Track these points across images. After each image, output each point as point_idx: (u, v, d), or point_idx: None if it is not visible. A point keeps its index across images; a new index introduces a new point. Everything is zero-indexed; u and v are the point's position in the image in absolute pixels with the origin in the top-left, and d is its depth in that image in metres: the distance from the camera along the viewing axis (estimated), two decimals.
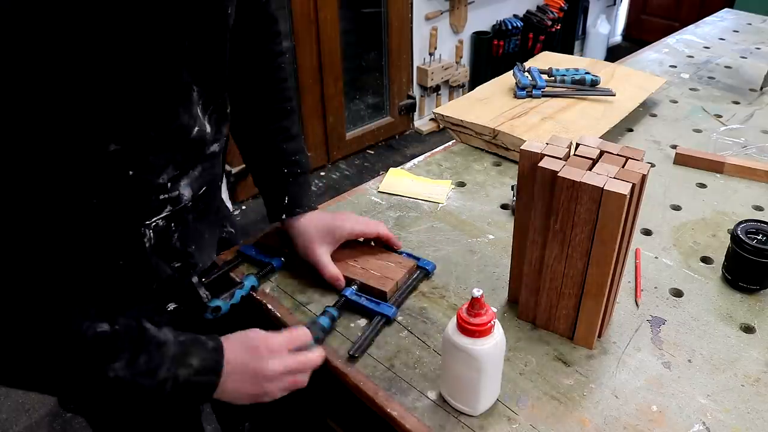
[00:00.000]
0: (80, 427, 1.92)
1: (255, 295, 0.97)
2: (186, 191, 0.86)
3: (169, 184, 0.82)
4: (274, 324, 0.93)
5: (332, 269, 0.96)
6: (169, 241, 0.87)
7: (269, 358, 0.79)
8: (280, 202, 1.00)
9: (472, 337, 0.71)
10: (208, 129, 0.86)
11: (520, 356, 0.85)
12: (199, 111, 0.83)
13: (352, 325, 0.90)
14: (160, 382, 0.72)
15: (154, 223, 0.83)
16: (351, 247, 1.01)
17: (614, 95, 1.42)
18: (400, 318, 0.91)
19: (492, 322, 0.71)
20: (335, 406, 1.02)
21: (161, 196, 0.83)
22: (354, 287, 0.93)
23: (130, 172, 0.76)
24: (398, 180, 1.24)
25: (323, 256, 0.96)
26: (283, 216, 0.99)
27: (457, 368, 0.75)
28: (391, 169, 1.27)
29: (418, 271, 0.98)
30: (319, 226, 0.98)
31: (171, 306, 0.98)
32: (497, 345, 0.73)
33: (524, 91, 1.43)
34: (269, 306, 0.94)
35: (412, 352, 0.86)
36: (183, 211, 0.87)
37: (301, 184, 1.02)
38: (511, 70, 1.51)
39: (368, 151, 3.48)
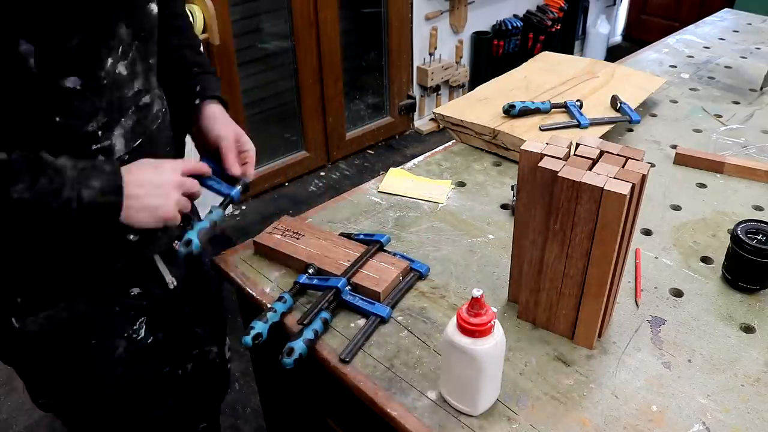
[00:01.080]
0: None
1: (252, 292, 0.97)
2: (119, 142, 0.85)
3: (99, 132, 0.82)
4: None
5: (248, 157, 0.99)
6: None
7: (171, 169, 0.85)
8: (191, 92, 1.02)
9: (472, 337, 0.71)
10: (138, 78, 0.87)
11: (520, 356, 0.85)
12: (122, 53, 0.83)
13: (352, 325, 0.90)
14: (65, 202, 0.75)
15: None
16: (345, 247, 1.01)
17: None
18: (400, 318, 0.91)
19: (492, 322, 0.71)
20: (335, 405, 1.02)
21: (93, 146, 0.82)
22: (348, 287, 0.93)
23: (57, 119, 0.78)
24: (398, 180, 1.24)
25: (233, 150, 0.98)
26: (197, 101, 1.01)
27: (457, 368, 0.74)
28: (391, 169, 1.27)
29: (412, 273, 0.98)
30: (235, 125, 1.01)
31: (135, 290, 0.99)
32: (497, 345, 0.73)
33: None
34: (269, 306, 0.94)
35: (412, 352, 0.86)
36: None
37: (209, 80, 1.04)
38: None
39: (368, 151, 3.48)
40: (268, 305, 0.91)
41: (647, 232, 1.09)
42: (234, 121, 1.04)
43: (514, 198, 1.11)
